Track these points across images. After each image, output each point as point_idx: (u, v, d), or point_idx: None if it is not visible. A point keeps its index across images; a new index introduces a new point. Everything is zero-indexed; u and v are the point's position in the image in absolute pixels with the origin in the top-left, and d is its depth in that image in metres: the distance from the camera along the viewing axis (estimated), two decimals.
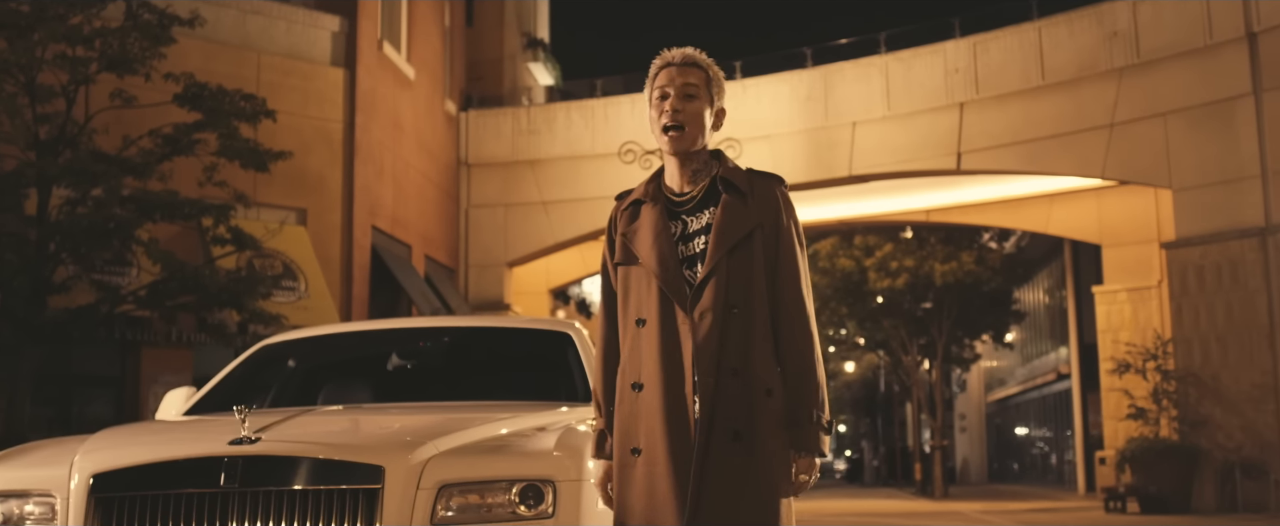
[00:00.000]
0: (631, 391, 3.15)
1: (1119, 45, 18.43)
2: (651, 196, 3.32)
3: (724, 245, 3.13)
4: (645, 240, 3.18)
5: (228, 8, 16.66)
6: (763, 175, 3.35)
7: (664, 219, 3.23)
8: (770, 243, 3.21)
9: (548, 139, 23.12)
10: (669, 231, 3.22)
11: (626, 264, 3.22)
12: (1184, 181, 17.75)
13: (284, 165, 15.43)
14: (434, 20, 22.07)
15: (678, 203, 3.27)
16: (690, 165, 3.26)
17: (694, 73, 3.30)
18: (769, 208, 3.22)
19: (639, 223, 3.25)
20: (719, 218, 3.17)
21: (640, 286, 3.17)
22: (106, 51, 11.00)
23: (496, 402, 4.18)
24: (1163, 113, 17.95)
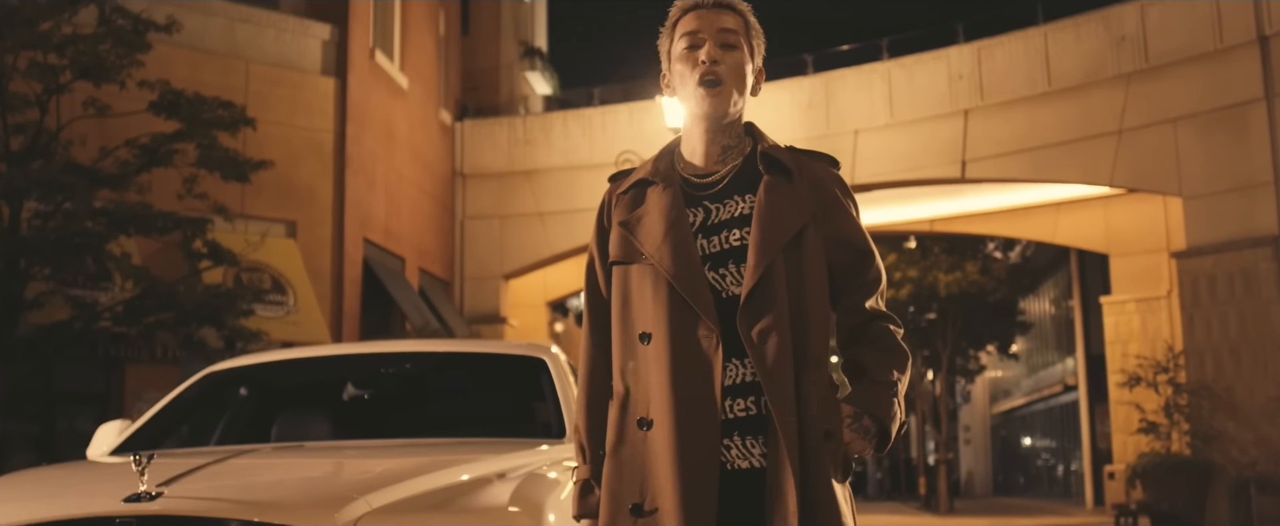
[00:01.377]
0: (637, 429, 2.49)
1: (1127, 50, 18.00)
2: (663, 176, 2.67)
3: (777, 239, 2.50)
4: (654, 230, 2.56)
5: (215, 16, 16.27)
6: (812, 155, 2.72)
7: (680, 204, 2.60)
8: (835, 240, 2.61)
9: (544, 149, 22.72)
10: (686, 220, 2.59)
11: (625, 262, 2.59)
12: (1194, 189, 17.31)
13: (273, 177, 15.06)
14: (428, 29, 21.67)
15: (699, 184, 2.64)
16: (721, 138, 2.65)
17: (731, 16, 2.68)
18: (825, 195, 2.61)
19: (644, 209, 2.61)
20: (763, 204, 2.54)
21: (644, 291, 2.53)
22: (79, 59, 10.56)
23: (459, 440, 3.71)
24: (1172, 119, 17.52)
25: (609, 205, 2.74)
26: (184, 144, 11.44)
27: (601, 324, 2.69)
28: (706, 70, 2.60)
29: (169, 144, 11.31)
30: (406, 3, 20.36)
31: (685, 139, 2.73)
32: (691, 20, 2.67)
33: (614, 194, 2.76)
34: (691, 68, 2.62)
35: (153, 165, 11.37)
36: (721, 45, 2.63)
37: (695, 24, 2.65)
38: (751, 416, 2.48)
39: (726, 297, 2.51)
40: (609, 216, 2.72)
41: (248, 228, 15.24)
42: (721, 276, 2.53)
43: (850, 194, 2.69)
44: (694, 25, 2.65)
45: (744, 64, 2.65)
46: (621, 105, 22.65)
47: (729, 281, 2.52)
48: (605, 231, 2.71)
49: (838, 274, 2.61)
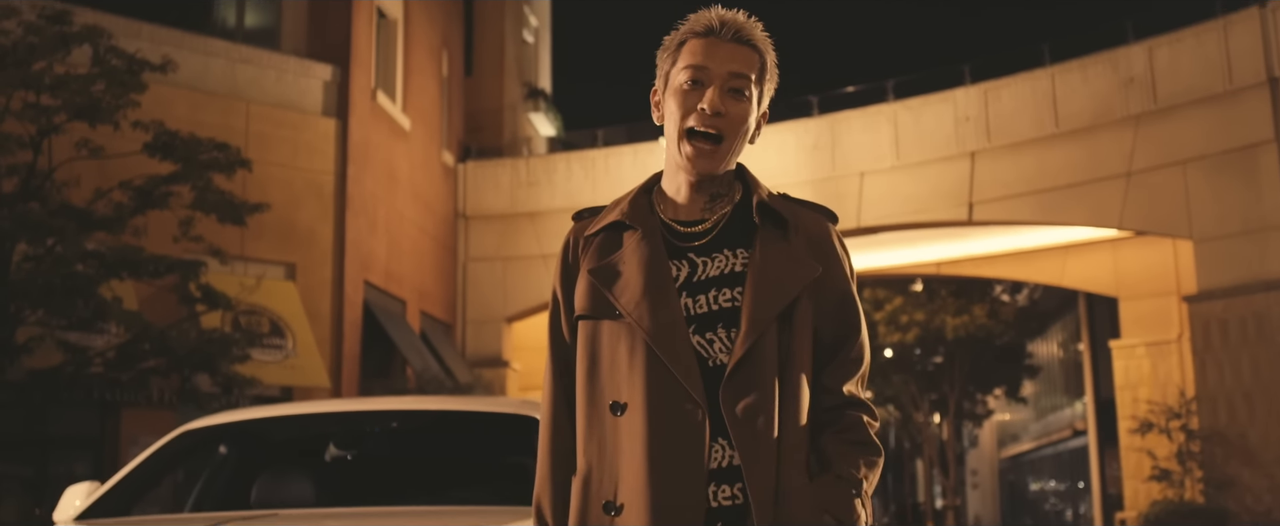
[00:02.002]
0: (603, 515, 2.17)
1: (1135, 91, 17.83)
2: (642, 220, 2.32)
3: (774, 304, 2.20)
4: (632, 284, 2.22)
5: (216, 57, 16.14)
6: (810, 208, 2.39)
7: (662, 255, 2.27)
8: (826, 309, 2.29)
9: (548, 190, 22.55)
10: (670, 275, 2.25)
11: (595, 317, 2.25)
12: (1205, 232, 17.09)
13: (273, 219, 14.87)
14: (431, 70, 21.55)
15: (683, 233, 2.31)
16: (708, 186, 2.32)
17: (747, 55, 2.29)
18: (826, 257, 2.30)
19: (620, 257, 2.27)
20: (759, 263, 2.23)
21: (617, 353, 2.20)
22: (72, 99, 10.37)
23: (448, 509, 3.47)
24: (1182, 161, 17.32)
25: (573, 246, 2.38)
26: (179, 186, 11.23)
27: (565, 387, 2.34)
28: (704, 120, 2.26)
29: (164, 186, 11.11)
30: (409, 44, 20.25)
31: (668, 178, 2.37)
32: (700, 50, 2.29)
33: (580, 234, 2.39)
34: (686, 111, 2.27)
35: (147, 207, 11.17)
36: (728, 91, 2.27)
37: (703, 57, 2.28)
38: (737, 506, 2.16)
39: (713, 366, 2.18)
40: (574, 257, 2.37)
41: (247, 270, 15.03)
42: (708, 342, 2.20)
43: (848, 255, 2.39)
44: (701, 58, 2.28)
45: (748, 115, 2.30)
46: (625, 146, 22.50)
47: (717, 348, 2.19)
48: (572, 273, 2.36)
49: (821, 347, 2.28)
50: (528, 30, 27.51)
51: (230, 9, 17.83)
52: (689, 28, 2.34)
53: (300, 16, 17.69)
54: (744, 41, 2.31)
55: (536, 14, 28.40)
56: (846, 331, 2.32)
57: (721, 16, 2.31)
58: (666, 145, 2.36)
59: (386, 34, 19.62)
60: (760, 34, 2.33)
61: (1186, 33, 17.31)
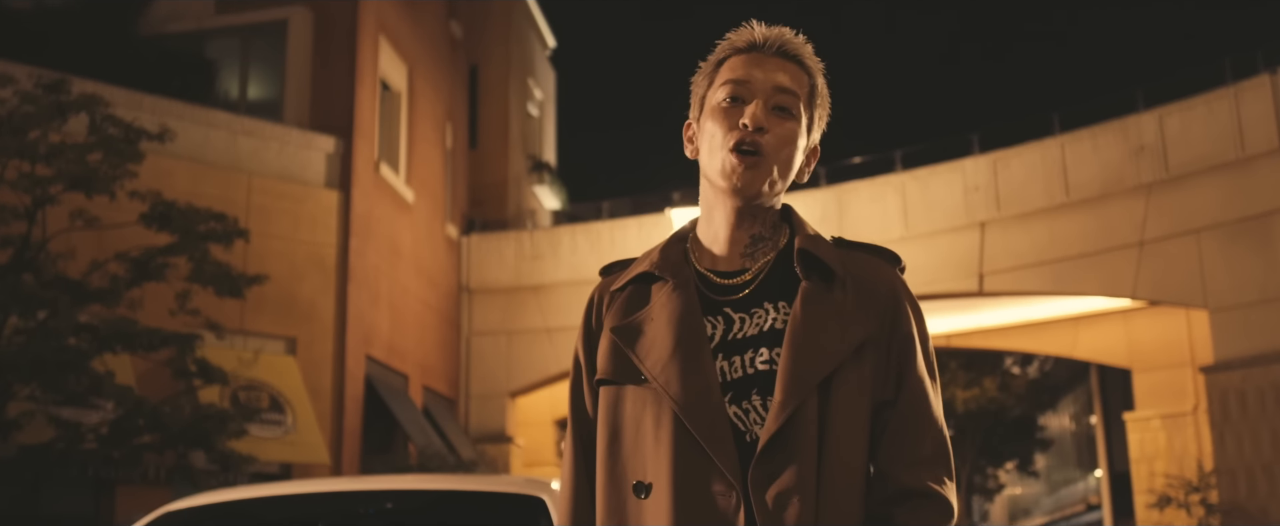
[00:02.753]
0: None
1: (1146, 160, 17.63)
2: (674, 270, 2.04)
3: (813, 369, 1.88)
4: (659, 343, 1.93)
5: (217, 128, 15.98)
6: (867, 251, 2.08)
7: (695, 310, 1.97)
8: (885, 375, 1.95)
9: (552, 263, 22.32)
10: (704, 333, 1.96)
11: (617, 382, 1.98)
12: (1221, 301, 16.80)
13: (274, 292, 14.64)
14: (435, 142, 21.42)
15: (720, 285, 2.02)
16: (751, 225, 2.02)
17: (794, 71, 2.03)
18: (885, 309, 1.98)
19: (648, 313, 1.99)
20: (797, 321, 1.91)
21: (642, 424, 1.92)
22: (68, 169, 10.17)
23: None
24: (1195, 229, 17.07)
25: (598, 303, 2.12)
26: (176, 257, 11.00)
27: (588, 455, 2.06)
28: (745, 136, 1.97)
29: (160, 257, 10.87)
30: (413, 116, 20.13)
31: (704, 222, 2.08)
32: (741, 66, 2.02)
33: (606, 290, 2.13)
34: (727, 128, 1.99)
35: (144, 279, 10.92)
36: (773, 108, 2.00)
37: (745, 71, 2.01)
38: None
39: (750, 441, 1.89)
40: (598, 318, 2.10)
41: (247, 344, 14.78)
42: (744, 411, 1.90)
43: (918, 310, 2.04)
44: (743, 73, 2.01)
45: (796, 137, 2.01)
46: (630, 219, 22.31)
47: (753, 419, 1.90)
48: (595, 335, 2.09)
49: (880, 423, 1.94)
50: (532, 103, 27.45)
51: (233, 81, 17.75)
52: (729, 44, 2.07)
53: (303, 88, 17.58)
54: (791, 57, 2.04)
55: (541, 87, 28.37)
56: (912, 403, 1.96)
57: (765, 31, 2.05)
58: (702, 180, 2.08)
59: (390, 106, 19.51)
60: (810, 53, 2.06)
61: (1197, 100, 17.14)
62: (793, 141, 2.01)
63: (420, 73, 20.59)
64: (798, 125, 2.02)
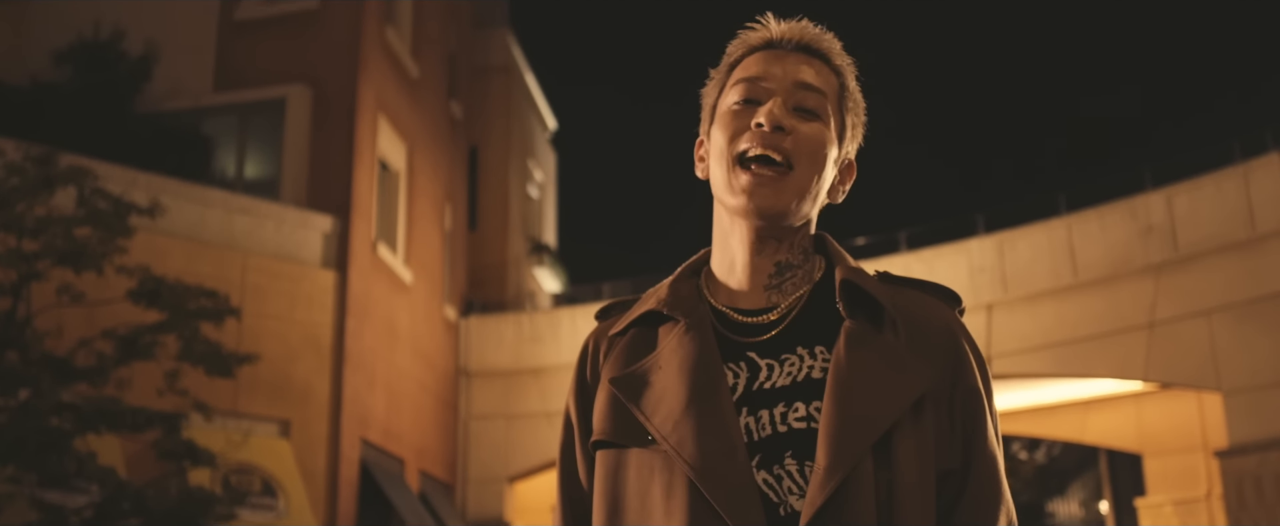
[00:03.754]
0: None
1: (1155, 240, 17.39)
2: (685, 307, 1.72)
3: (866, 429, 1.55)
4: (669, 396, 1.61)
5: (212, 207, 15.75)
6: (920, 288, 1.76)
7: (713, 355, 1.65)
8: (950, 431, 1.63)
9: (552, 346, 22.00)
10: (723, 383, 1.63)
11: (619, 444, 1.64)
12: (1234, 383, 16.46)
13: (268, 373, 14.33)
14: (434, 222, 21.20)
15: (741, 324, 1.70)
16: (774, 250, 1.71)
17: (819, 69, 1.72)
18: (944, 357, 1.65)
19: (656, 360, 1.67)
20: (843, 369, 1.59)
21: (649, 496, 1.58)
22: (55, 244, 9.90)
23: None
24: (1207, 310, 16.78)
25: (594, 352, 1.79)
26: (166, 335, 10.69)
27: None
28: (763, 138, 1.66)
29: (149, 335, 10.56)
30: (412, 196, 19.94)
31: (718, 252, 1.76)
32: (757, 63, 1.71)
33: (604, 335, 1.83)
34: (736, 133, 1.68)
35: (132, 358, 10.60)
36: (795, 108, 1.69)
37: (761, 67, 1.70)
38: None
39: (785, 515, 1.55)
40: (593, 369, 1.78)
41: (239, 426, 14.42)
42: (776, 479, 1.56)
43: (981, 360, 1.71)
44: (759, 69, 1.70)
45: (825, 142, 1.69)
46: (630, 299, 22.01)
47: (787, 487, 1.56)
48: (589, 388, 1.76)
49: (950, 508, 1.62)
50: (532, 185, 27.32)
51: (230, 159, 17.59)
52: (742, 42, 1.76)
53: (301, 167, 17.39)
54: (816, 53, 1.72)
55: (542, 169, 28.26)
56: (984, 476, 1.64)
57: (784, 25, 1.73)
58: (715, 204, 1.76)
59: (389, 185, 19.32)
60: (839, 49, 1.74)
61: (1206, 180, 16.94)
62: (821, 146, 1.69)
63: (420, 152, 20.43)
64: (826, 128, 1.70)
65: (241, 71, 17.69)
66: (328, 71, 17.74)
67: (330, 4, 18.08)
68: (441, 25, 22.33)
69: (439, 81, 22.12)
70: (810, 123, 1.70)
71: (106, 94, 16.29)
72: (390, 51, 19.23)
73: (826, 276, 1.75)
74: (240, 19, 18.01)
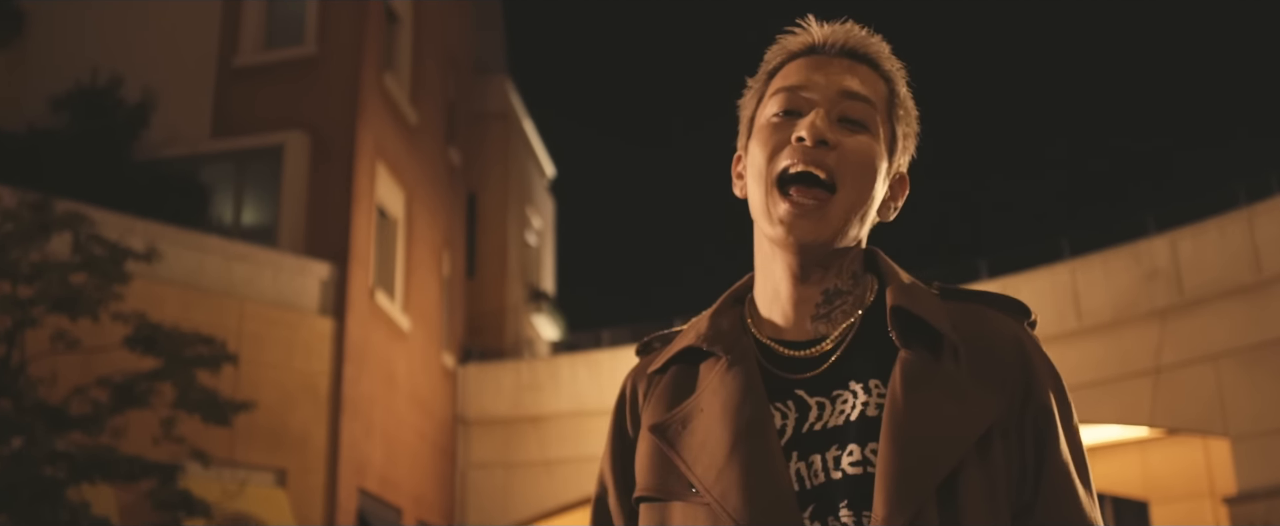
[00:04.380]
0: None
1: (1160, 285, 17.26)
2: (727, 342, 1.56)
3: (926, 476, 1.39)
4: (712, 441, 1.47)
5: (210, 254, 15.61)
6: (984, 300, 1.60)
7: (759, 395, 1.50)
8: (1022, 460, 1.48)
9: (551, 394, 21.81)
10: (770, 424, 1.49)
11: (660, 498, 1.51)
12: (1242, 429, 16.29)
13: (265, 421, 14.14)
14: (432, 269, 21.07)
15: (788, 359, 1.55)
16: (821, 277, 1.56)
17: (866, 76, 1.58)
18: (1012, 378, 1.51)
19: (697, 403, 1.52)
20: (898, 407, 1.44)
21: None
22: (50, 290, 9.74)
23: None
24: (1213, 355, 16.63)
25: (632, 396, 1.63)
26: (162, 383, 10.51)
27: None
28: (805, 154, 1.51)
29: (145, 382, 10.38)
30: (410, 243, 19.82)
31: (760, 280, 1.61)
32: (798, 70, 1.57)
33: (642, 375, 1.65)
34: (775, 149, 1.54)
35: (127, 406, 10.42)
36: (840, 119, 1.54)
37: (802, 75, 1.56)
38: None
39: None
40: (633, 415, 1.62)
41: (234, 475, 14.21)
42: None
43: (1056, 376, 1.58)
44: (800, 78, 1.56)
45: (874, 156, 1.55)
46: (631, 347, 21.78)
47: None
48: (629, 445, 1.61)
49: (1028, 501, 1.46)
50: (531, 232, 27.22)
51: (227, 206, 17.47)
52: (781, 48, 1.61)
53: (299, 213, 17.27)
54: (862, 58, 1.57)
55: (540, 216, 28.17)
56: (1048, 486, 1.48)
57: (827, 29, 1.58)
58: (756, 226, 1.60)
59: (387, 232, 19.20)
60: (888, 52, 1.59)
61: (1210, 224, 16.85)
62: (870, 161, 1.54)
63: (418, 199, 20.34)
64: (874, 141, 1.55)
65: (239, 118, 17.61)
66: (326, 118, 17.66)
67: (329, 50, 18.03)
68: (440, 72, 22.30)
69: (437, 128, 22.06)
70: (857, 135, 1.55)
71: (104, 141, 16.19)
72: (389, 98, 19.17)
73: (879, 299, 1.59)
74: (238, 65, 17.95)
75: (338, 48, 18.03)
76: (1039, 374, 1.54)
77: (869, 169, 1.54)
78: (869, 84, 1.57)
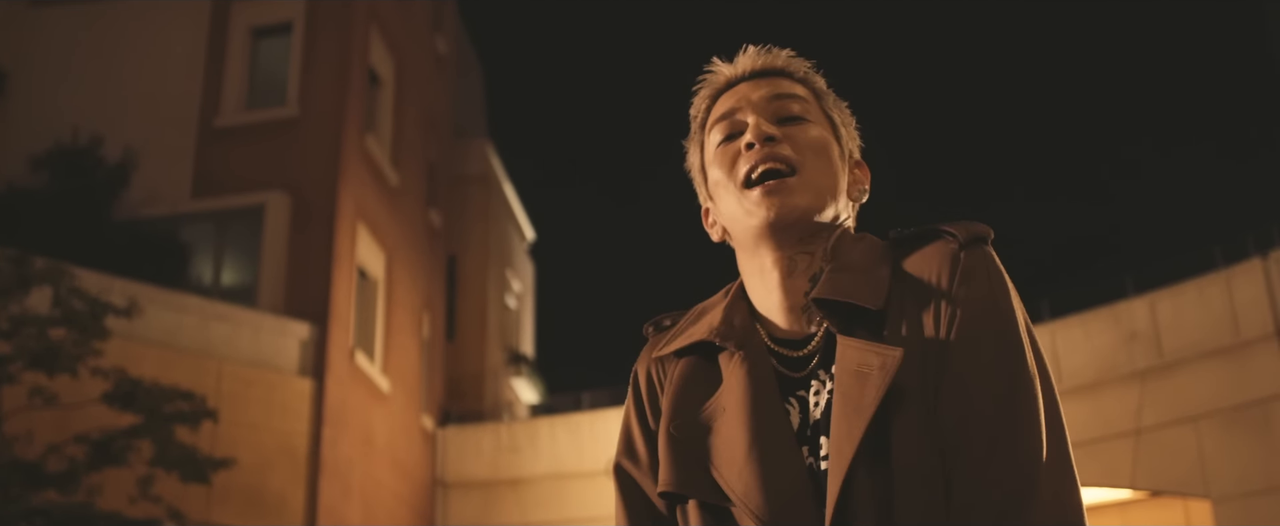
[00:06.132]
0: None
1: (1140, 346, 17.32)
2: (739, 337, 1.59)
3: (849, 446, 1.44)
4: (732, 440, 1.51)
5: (189, 313, 15.53)
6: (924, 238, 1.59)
7: (773, 394, 1.53)
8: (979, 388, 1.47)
9: (531, 456, 21.66)
10: (786, 422, 1.52)
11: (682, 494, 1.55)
12: (1223, 491, 16.29)
13: (242, 482, 14.00)
14: (412, 331, 20.99)
15: (785, 358, 1.58)
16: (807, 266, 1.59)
17: (785, 84, 1.66)
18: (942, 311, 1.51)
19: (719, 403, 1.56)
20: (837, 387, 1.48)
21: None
22: (28, 345, 9.67)
23: None
24: (1193, 417, 16.66)
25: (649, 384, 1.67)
26: (140, 440, 10.41)
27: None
28: (759, 154, 1.58)
29: (123, 439, 10.28)
30: (390, 304, 19.76)
31: (753, 286, 1.64)
32: (724, 102, 1.66)
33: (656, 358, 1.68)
34: (731, 162, 1.61)
35: (104, 463, 10.31)
36: (778, 119, 1.62)
37: (731, 102, 1.65)
38: None
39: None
40: (650, 403, 1.66)
41: None
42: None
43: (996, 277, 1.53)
44: (729, 104, 1.65)
45: (824, 141, 1.62)
46: (611, 409, 21.75)
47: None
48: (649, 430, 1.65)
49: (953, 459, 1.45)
50: (511, 295, 27.19)
51: (207, 265, 17.41)
52: (703, 95, 1.69)
53: (279, 274, 17.22)
54: (775, 73, 1.66)
55: (520, 279, 28.16)
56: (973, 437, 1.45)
57: (737, 62, 1.68)
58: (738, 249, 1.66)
59: (367, 294, 19.15)
60: (794, 57, 1.67)
61: (1189, 286, 16.95)
62: (820, 141, 1.61)
63: (398, 261, 20.31)
64: (818, 127, 1.63)
65: (220, 178, 17.60)
66: (307, 179, 17.66)
67: (310, 112, 18.08)
68: (421, 134, 22.37)
69: (418, 190, 22.09)
70: (799, 125, 1.63)
71: (84, 200, 16.15)
72: (370, 160, 19.20)
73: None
74: (220, 126, 17.97)
75: (319, 109, 18.08)
76: (965, 302, 1.50)
77: (822, 148, 1.61)
78: (791, 89, 1.66)
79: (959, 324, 1.48)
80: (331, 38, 18.51)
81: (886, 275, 1.55)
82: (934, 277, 1.52)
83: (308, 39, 18.46)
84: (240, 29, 18.60)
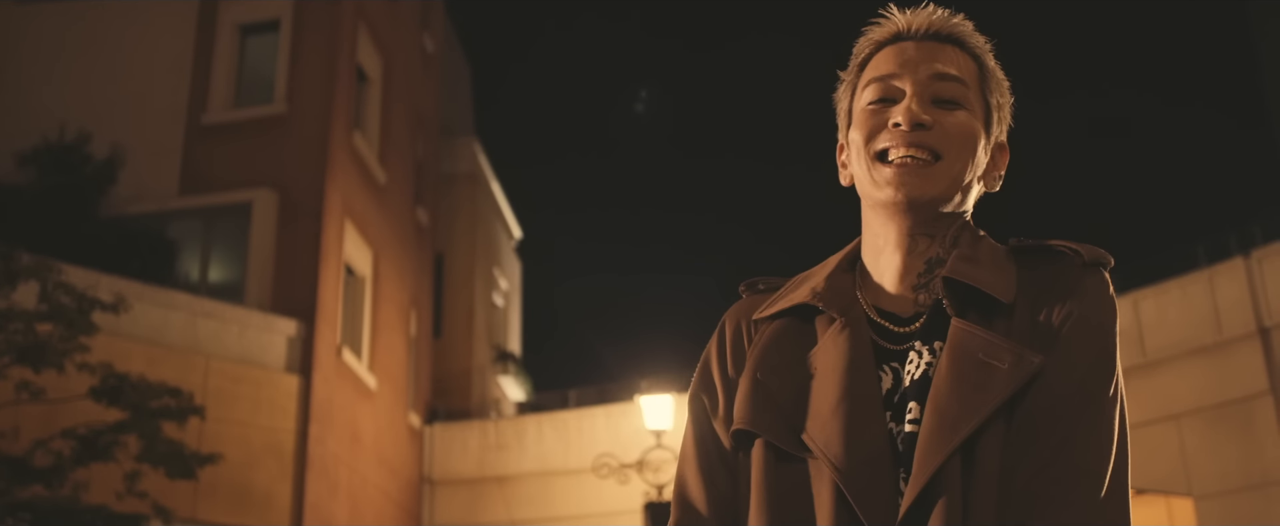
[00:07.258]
0: None
1: (1124, 345, 17.13)
2: (841, 305, 1.63)
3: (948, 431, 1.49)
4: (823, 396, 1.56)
5: (176, 310, 15.55)
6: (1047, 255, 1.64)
7: (867, 360, 1.59)
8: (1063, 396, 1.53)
9: (517, 454, 21.71)
10: (877, 388, 1.58)
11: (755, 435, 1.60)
12: (1205, 489, 16.40)
13: (229, 478, 14.02)
14: (399, 328, 21.02)
15: (885, 330, 1.63)
16: (927, 247, 1.63)
17: (953, 56, 1.64)
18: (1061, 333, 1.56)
19: (813, 362, 1.61)
20: (943, 366, 1.53)
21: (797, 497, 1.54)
22: (15, 340, 9.69)
23: None
24: (1176, 415, 16.77)
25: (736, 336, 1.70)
26: (126, 435, 10.43)
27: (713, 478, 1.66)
28: (903, 137, 1.59)
29: (109, 435, 10.30)
30: (377, 302, 19.79)
31: (870, 254, 1.68)
32: (888, 58, 1.64)
33: (747, 318, 1.71)
34: (873, 131, 1.62)
35: (91, 459, 10.33)
36: (934, 100, 1.61)
37: (893, 64, 1.63)
38: None
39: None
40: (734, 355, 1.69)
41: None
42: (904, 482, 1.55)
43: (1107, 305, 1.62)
44: (892, 66, 1.63)
45: (972, 130, 1.63)
46: (598, 407, 21.82)
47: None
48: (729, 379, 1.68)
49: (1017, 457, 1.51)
50: (498, 293, 27.23)
51: (194, 262, 17.43)
52: (868, 40, 1.68)
53: (266, 271, 17.24)
54: (949, 39, 1.64)
55: (507, 277, 28.20)
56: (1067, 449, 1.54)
57: (909, 15, 1.66)
58: (863, 208, 1.70)
59: (354, 291, 19.17)
60: (971, 29, 1.66)
61: (1171, 284, 17.06)
62: (969, 134, 1.62)
63: (386, 258, 20.34)
64: (971, 116, 1.63)
65: (207, 175, 17.61)
66: (294, 176, 17.69)
67: (298, 109, 18.10)
68: (409, 132, 22.40)
69: (406, 188, 22.12)
70: (953, 113, 1.62)
71: (71, 197, 16.15)
72: (358, 157, 19.23)
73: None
74: (207, 123, 17.99)
75: (307, 106, 18.10)
76: (1076, 320, 1.57)
77: (969, 141, 1.63)
78: (957, 63, 1.64)
79: (1063, 338, 1.55)
80: (319, 35, 18.53)
81: (1013, 275, 1.61)
82: (1053, 290, 1.59)
83: (295, 36, 18.48)
84: (228, 26, 18.62)
